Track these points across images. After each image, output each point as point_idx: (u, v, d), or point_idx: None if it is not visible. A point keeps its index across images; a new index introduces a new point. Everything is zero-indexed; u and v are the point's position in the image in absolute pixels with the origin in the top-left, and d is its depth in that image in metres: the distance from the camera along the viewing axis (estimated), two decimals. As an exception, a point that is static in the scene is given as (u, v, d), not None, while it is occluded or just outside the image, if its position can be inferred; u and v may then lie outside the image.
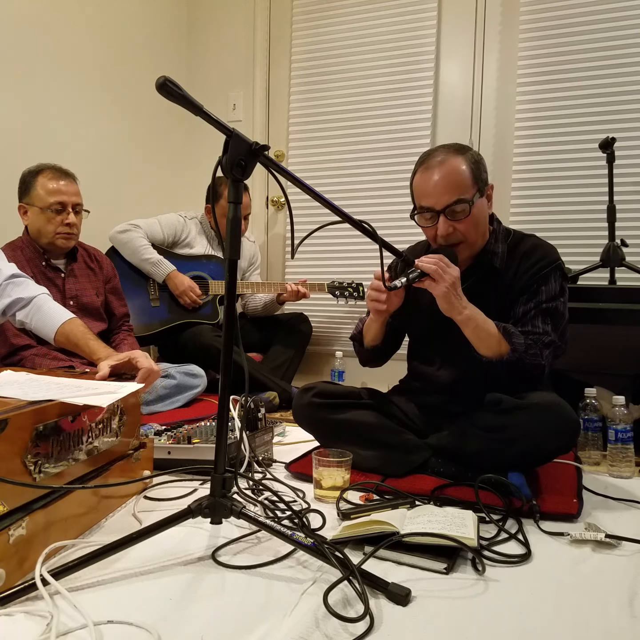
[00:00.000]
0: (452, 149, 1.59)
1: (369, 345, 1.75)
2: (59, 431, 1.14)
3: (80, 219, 2.18)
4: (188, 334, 2.68)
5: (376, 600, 0.98)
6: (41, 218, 2.10)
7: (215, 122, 1.07)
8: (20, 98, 2.49)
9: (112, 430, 1.36)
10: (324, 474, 1.45)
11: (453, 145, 1.61)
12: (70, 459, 1.18)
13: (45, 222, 2.10)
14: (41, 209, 2.10)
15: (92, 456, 1.27)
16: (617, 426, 1.69)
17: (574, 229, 2.66)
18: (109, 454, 1.36)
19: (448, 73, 2.95)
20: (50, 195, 2.09)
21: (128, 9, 3.03)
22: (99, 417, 1.29)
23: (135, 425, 1.49)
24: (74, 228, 2.15)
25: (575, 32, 2.62)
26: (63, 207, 2.11)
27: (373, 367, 1.84)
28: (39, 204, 2.10)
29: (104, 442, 1.32)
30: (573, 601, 1.00)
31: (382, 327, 1.69)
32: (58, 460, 1.14)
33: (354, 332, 1.81)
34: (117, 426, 1.38)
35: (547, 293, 1.58)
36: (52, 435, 1.12)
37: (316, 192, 1.24)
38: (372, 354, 1.78)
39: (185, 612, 0.95)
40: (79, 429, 1.21)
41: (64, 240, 2.14)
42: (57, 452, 1.13)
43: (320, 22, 3.14)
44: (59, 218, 2.10)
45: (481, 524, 1.25)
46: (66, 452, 1.16)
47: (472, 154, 1.60)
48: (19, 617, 0.91)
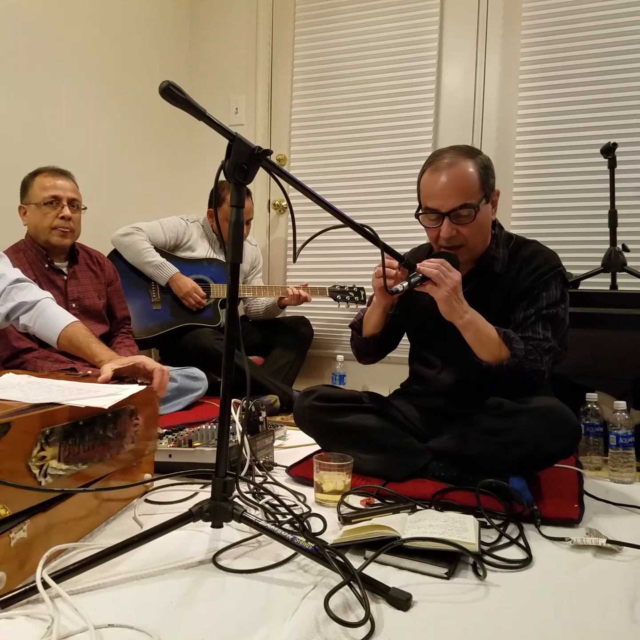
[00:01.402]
0: (463, 151, 1.59)
1: (368, 334, 1.73)
2: (67, 435, 1.13)
3: (78, 216, 2.19)
4: (189, 337, 2.68)
5: (377, 604, 0.98)
6: (37, 214, 2.12)
7: (218, 126, 1.08)
8: (21, 100, 2.50)
9: (126, 436, 1.35)
10: (324, 477, 1.45)
11: (463, 148, 1.61)
12: (80, 463, 1.17)
13: (41, 218, 2.12)
14: (37, 205, 2.12)
15: (104, 461, 1.26)
16: (619, 431, 1.68)
17: (575, 234, 2.67)
18: (123, 460, 1.35)
19: (450, 77, 2.96)
20: (45, 190, 2.12)
21: (130, 12, 3.04)
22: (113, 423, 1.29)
23: (152, 428, 1.48)
24: (70, 222, 2.15)
25: (577, 37, 2.63)
26: (58, 201, 2.12)
27: (368, 361, 1.82)
28: (35, 200, 2.12)
29: (119, 446, 1.32)
30: (574, 606, 1.00)
31: (383, 315, 1.68)
32: (67, 464, 1.13)
33: (354, 320, 1.80)
34: (132, 431, 1.38)
35: (547, 299, 1.57)
36: (61, 439, 1.11)
37: (318, 196, 1.24)
38: (368, 345, 1.76)
39: (186, 615, 0.95)
40: (90, 433, 1.21)
41: (59, 237, 2.14)
42: (66, 456, 1.13)
43: (323, 27, 3.15)
44: (54, 212, 2.12)
45: (482, 528, 1.25)
46: (75, 456, 1.16)
47: (482, 158, 1.60)
48: (19, 620, 0.91)
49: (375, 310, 1.68)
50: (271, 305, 2.98)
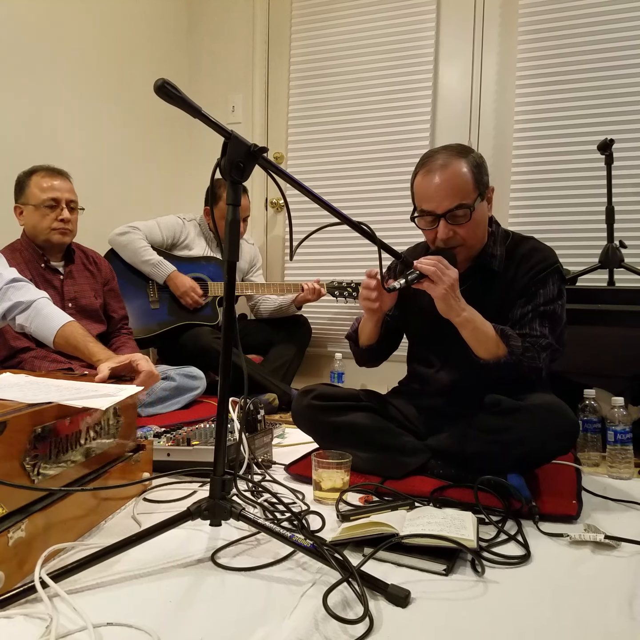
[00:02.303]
0: (455, 151, 1.58)
1: (364, 345, 1.74)
2: (56, 433, 1.14)
3: (75, 217, 2.19)
4: (187, 335, 2.68)
5: (376, 601, 0.98)
6: (36, 215, 2.11)
7: (214, 124, 1.07)
8: (20, 100, 2.49)
9: (108, 432, 1.36)
10: (323, 475, 1.45)
11: (455, 147, 1.60)
12: (68, 461, 1.18)
13: (40, 219, 2.11)
14: (35, 207, 2.11)
15: (90, 458, 1.27)
16: (616, 427, 1.69)
17: (572, 231, 2.67)
18: (106, 456, 1.36)
19: (447, 76, 2.96)
20: (44, 192, 2.11)
21: (128, 12, 3.03)
22: (96, 419, 1.29)
23: (132, 426, 1.49)
24: (69, 224, 2.15)
25: (573, 34, 2.63)
26: (57, 203, 2.12)
27: (369, 367, 1.84)
28: (33, 201, 2.11)
29: (101, 443, 1.32)
30: (572, 602, 1.00)
31: (377, 326, 1.68)
32: (56, 462, 1.14)
33: (350, 331, 1.80)
34: (114, 428, 1.38)
35: (545, 296, 1.58)
36: (50, 437, 1.12)
37: (315, 194, 1.24)
38: (367, 354, 1.77)
39: (185, 614, 0.95)
40: (75, 431, 1.21)
41: (59, 236, 2.14)
42: (55, 454, 1.13)
43: (319, 25, 3.14)
44: (53, 214, 2.11)
45: (480, 525, 1.25)
46: (63, 454, 1.16)
47: (474, 156, 1.59)
48: (18, 620, 0.91)
49: (368, 324, 1.69)
50: (286, 305, 2.93)
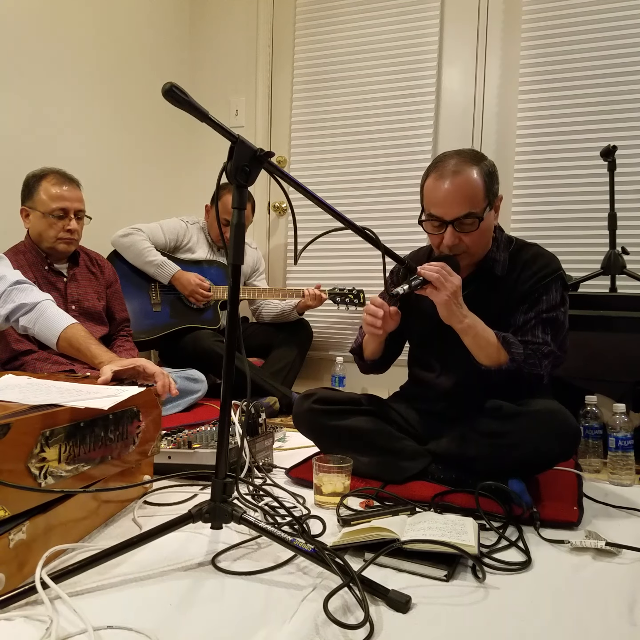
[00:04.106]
0: (468, 157, 1.56)
1: (369, 359, 1.76)
2: (69, 437, 1.13)
3: (81, 225, 2.19)
4: (189, 338, 2.68)
5: (376, 607, 0.98)
6: (43, 222, 2.11)
7: (221, 128, 1.08)
8: (22, 101, 2.50)
9: (128, 437, 1.35)
10: (324, 479, 1.45)
11: (469, 153, 1.58)
12: (81, 465, 1.17)
13: (46, 227, 2.11)
14: (43, 214, 2.10)
15: (105, 462, 1.26)
16: (618, 434, 1.69)
17: (575, 237, 2.67)
18: (126, 461, 1.35)
19: (450, 79, 2.97)
20: (53, 200, 2.10)
21: (131, 14, 3.05)
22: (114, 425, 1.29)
23: (155, 431, 1.48)
24: (75, 234, 2.16)
25: (577, 40, 2.64)
26: (65, 214, 2.11)
27: (375, 374, 1.85)
28: (41, 208, 2.10)
29: (121, 447, 1.32)
30: (573, 609, 1.00)
31: (381, 344, 1.71)
32: (69, 465, 1.13)
33: (354, 346, 1.82)
34: (135, 433, 1.38)
35: (547, 303, 1.58)
36: (62, 440, 1.11)
37: (319, 198, 1.24)
38: (372, 366, 1.80)
39: (185, 617, 0.95)
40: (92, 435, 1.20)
41: (65, 245, 2.15)
42: (66, 457, 1.12)
43: (323, 29, 3.15)
44: (60, 224, 2.11)
45: (481, 531, 1.25)
46: (76, 458, 1.15)
47: (487, 164, 1.57)
48: (18, 622, 0.91)
49: (371, 343, 1.72)
50: (288, 310, 2.92)
